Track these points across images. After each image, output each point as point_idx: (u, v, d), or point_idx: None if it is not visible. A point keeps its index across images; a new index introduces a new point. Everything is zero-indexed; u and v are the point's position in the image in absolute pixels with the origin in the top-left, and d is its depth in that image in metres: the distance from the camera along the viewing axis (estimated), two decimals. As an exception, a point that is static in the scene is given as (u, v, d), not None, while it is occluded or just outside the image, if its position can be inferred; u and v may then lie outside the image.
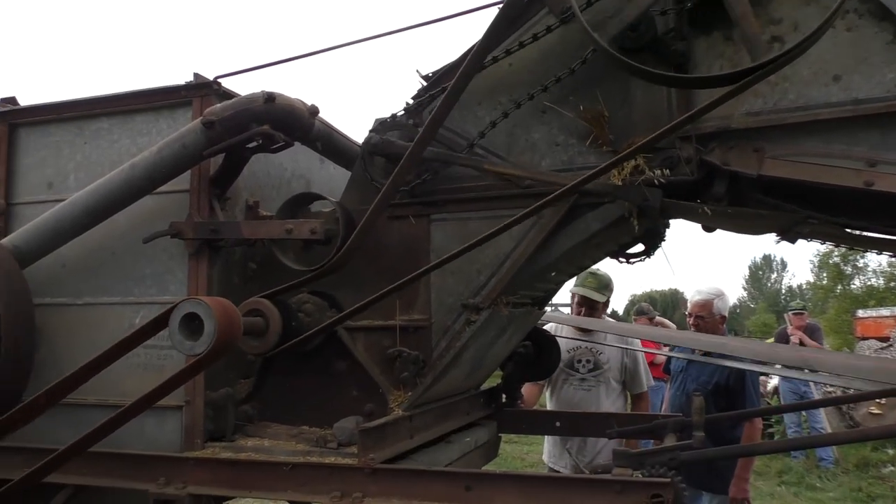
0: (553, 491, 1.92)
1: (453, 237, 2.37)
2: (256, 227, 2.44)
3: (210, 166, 2.48)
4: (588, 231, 2.25)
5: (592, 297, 4.49)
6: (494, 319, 2.38)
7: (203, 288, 2.42)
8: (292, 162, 3.01)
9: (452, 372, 2.44)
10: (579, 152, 2.28)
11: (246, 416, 2.50)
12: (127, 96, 2.62)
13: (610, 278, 4.62)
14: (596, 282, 4.51)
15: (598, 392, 4.41)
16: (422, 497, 2.01)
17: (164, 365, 2.43)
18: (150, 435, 2.42)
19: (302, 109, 2.49)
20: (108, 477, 2.37)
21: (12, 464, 2.47)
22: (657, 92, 2.17)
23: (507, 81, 2.34)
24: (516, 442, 9.78)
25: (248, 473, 2.20)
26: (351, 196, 2.52)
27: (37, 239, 2.44)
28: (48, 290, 2.62)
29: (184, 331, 1.81)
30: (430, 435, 2.51)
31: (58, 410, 2.35)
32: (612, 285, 4.63)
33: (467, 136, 2.37)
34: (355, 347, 2.43)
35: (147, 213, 2.51)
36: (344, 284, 2.48)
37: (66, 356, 2.54)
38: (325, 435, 2.29)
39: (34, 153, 2.76)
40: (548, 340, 3.52)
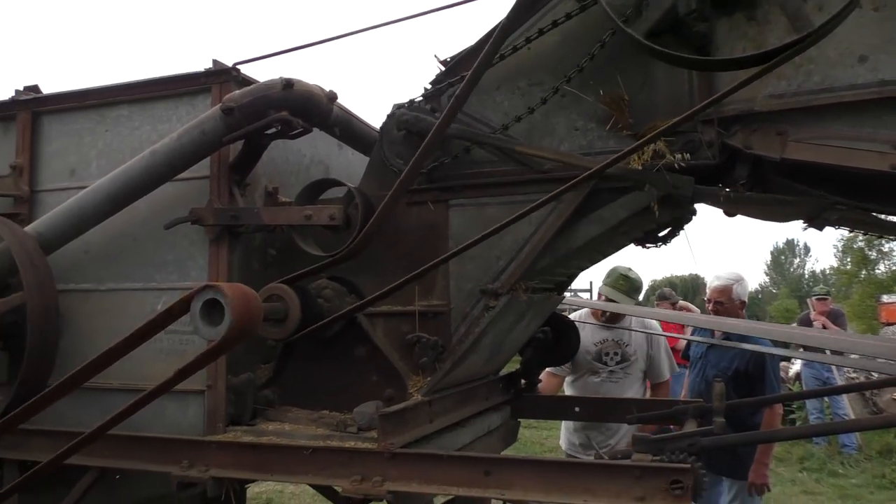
0: (572, 476, 1.93)
1: (472, 222, 2.37)
2: (276, 213, 2.45)
3: (229, 153, 2.49)
4: (615, 219, 2.23)
5: (621, 300, 4.45)
6: (513, 305, 2.38)
7: (223, 274, 2.44)
8: (311, 148, 3.02)
9: (471, 357, 2.44)
10: (599, 136, 2.26)
11: (267, 400, 2.52)
12: (147, 83, 2.64)
13: (641, 281, 4.59)
14: (627, 285, 4.48)
15: (625, 383, 4.41)
16: (441, 481, 2.02)
17: (186, 350, 2.45)
18: (173, 419, 2.45)
19: (320, 95, 2.49)
20: (132, 459, 2.41)
21: (39, 446, 2.52)
22: (678, 75, 2.14)
23: (526, 65, 2.32)
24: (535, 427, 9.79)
25: (270, 457, 2.22)
26: (369, 182, 2.52)
27: (60, 226, 2.47)
28: (72, 276, 2.66)
29: (204, 316, 1.82)
30: (449, 420, 2.52)
31: (82, 394, 2.39)
32: (641, 288, 4.62)
33: (486, 121, 2.36)
34: (375, 333, 2.44)
35: (168, 200, 2.53)
36: (363, 270, 2.49)
37: (89, 341, 2.58)
38: (345, 419, 2.31)
39: (57, 141, 2.79)
40: (567, 326, 3.52)
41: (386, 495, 2.04)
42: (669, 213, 2.19)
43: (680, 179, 2.09)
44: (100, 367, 2.02)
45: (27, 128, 2.79)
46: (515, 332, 2.75)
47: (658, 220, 2.23)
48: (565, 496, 1.93)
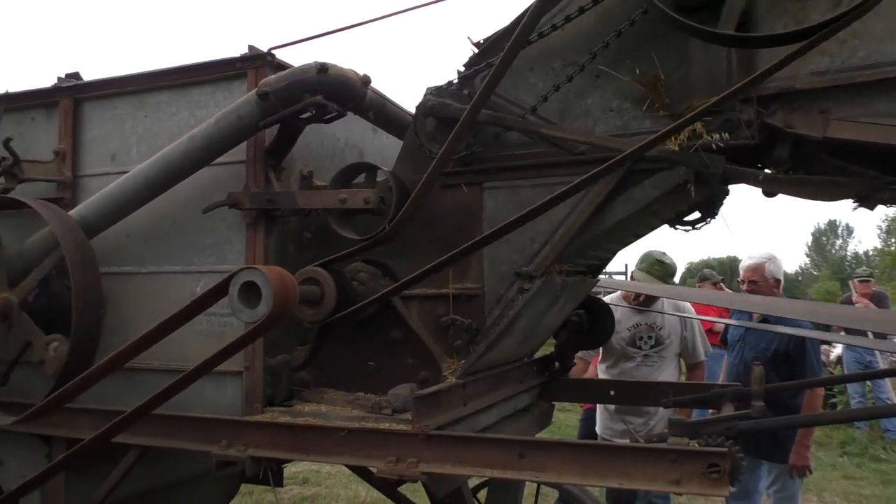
0: (607, 459, 1.92)
1: (506, 205, 2.36)
2: (311, 197, 2.47)
3: (265, 137, 2.51)
4: (645, 199, 2.20)
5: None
6: (547, 288, 2.37)
7: (260, 257, 2.47)
8: (345, 132, 3.03)
9: (505, 340, 2.44)
10: (634, 117, 2.22)
11: (303, 381, 2.56)
12: (185, 69, 2.67)
13: (675, 266, 4.54)
14: (662, 270, 4.43)
15: (660, 367, 4.38)
16: (475, 463, 2.03)
17: (225, 332, 2.50)
18: (212, 399, 2.50)
19: (354, 79, 2.49)
20: (173, 438, 2.47)
21: (84, 424, 2.60)
22: (716, 52, 2.09)
23: (560, 46, 2.29)
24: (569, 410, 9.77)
25: (306, 437, 2.26)
26: (403, 165, 2.52)
27: (102, 210, 2.53)
28: (114, 259, 2.72)
29: (242, 299, 1.85)
30: (483, 402, 2.52)
31: (125, 375, 2.46)
32: (676, 272, 4.56)
33: (520, 103, 2.34)
34: (409, 315, 2.45)
35: (206, 184, 2.57)
36: (397, 253, 2.50)
37: (131, 323, 2.64)
38: (379, 401, 2.33)
39: (98, 126, 2.84)
40: (602, 309, 3.49)
41: (420, 476, 2.06)
42: (702, 192, 2.15)
43: (711, 158, 2.05)
44: (141, 349, 2.07)
45: (69, 114, 2.85)
46: (549, 315, 2.75)
47: (691, 201, 2.19)
48: (600, 479, 1.92)
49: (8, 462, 2.89)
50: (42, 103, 2.95)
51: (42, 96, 2.94)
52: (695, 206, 2.40)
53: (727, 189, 2.34)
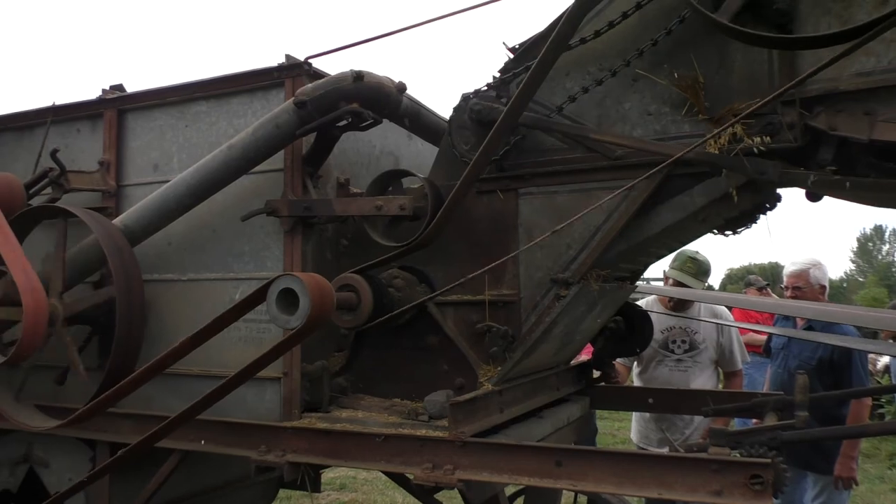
0: (647, 469, 1.89)
1: (541, 211, 2.35)
2: (347, 204, 2.49)
3: (302, 145, 2.54)
4: (693, 206, 2.17)
5: (689, 283, 4.33)
6: (584, 294, 2.35)
7: (298, 264, 2.49)
8: (381, 139, 3.05)
9: (542, 347, 2.42)
10: (673, 121, 2.20)
11: (340, 387, 2.57)
12: (223, 80, 2.72)
13: (709, 264, 4.45)
14: (695, 268, 4.35)
15: (693, 373, 4.29)
16: (512, 471, 2.02)
17: (263, 338, 2.52)
18: (251, 405, 2.53)
19: (390, 87, 2.51)
20: (213, 443, 2.50)
21: (125, 428, 2.65)
22: (758, 54, 2.06)
23: (597, 51, 2.27)
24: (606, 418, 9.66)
25: (343, 443, 2.27)
26: (439, 172, 2.53)
27: (145, 218, 2.58)
28: (156, 266, 2.77)
29: (280, 305, 1.87)
30: (520, 410, 2.51)
31: (166, 380, 2.50)
32: (710, 271, 4.48)
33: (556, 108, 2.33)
34: (445, 322, 2.45)
35: (244, 192, 2.60)
36: (433, 259, 2.50)
37: (172, 329, 2.69)
38: (416, 408, 2.33)
39: (141, 137, 2.90)
40: (640, 316, 3.44)
41: (457, 484, 2.05)
42: (751, 199, 2.10)
43: (764, 164, 2.01)
44: (182, 354, 2.11)
45: (113, 125, 2.92)
46: (587, 322, 2.72)
47: (739, 208, 2.15)
48: (639, 489, 1.89)
49: (53, 465, 2.96)
50: (87, 115, 3.02)
51: (87, 108, 3.01)
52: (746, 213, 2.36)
53: (780, 195, 2.29)
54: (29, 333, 2.12)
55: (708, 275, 4.45)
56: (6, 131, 3.25)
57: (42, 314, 2.16)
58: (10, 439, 3.06)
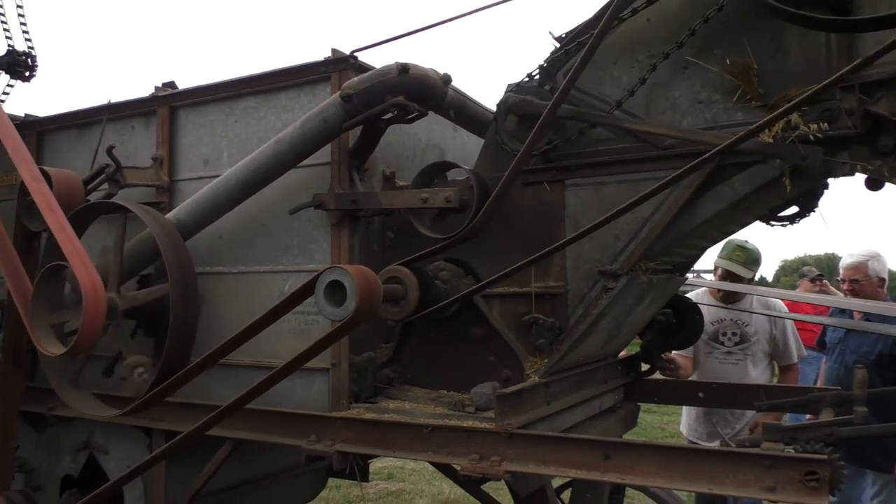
0: (696, 463, 1.86)
1: (589, 202, 2.32)
2: (394, 197, 2.50)
3: (349, 139, 2.56)
4: (736, 195, 2.11)
5: (738, 272, 4.22)
6: (632, 286, 2.32)
7: (345, 256, 2.52)
8: (427, 131, 3.05)
9: (589, 339, 2.40)
10: (724, 109, 2.14)
11: (387, 379, 2.59)
12: (271, 75, 2.75)
13: (759, 252, 4.33)
14: (744, 256, 4.24)
15: (745, 366, 4.18)
16: (559, 463, 2.01)
17: (312, 330, 2.56)
18: (301, 395, 2.57)
19: (435, 79, 2.51)
20: (265, 433, 2.55)
21: (180, 417, 2.72)
22: (815, 38, 1.99)
23: (645, 37, 2.23)
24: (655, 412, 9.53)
25: (391, 434, 2.29)
26: (484, 163, 2.52)
27: (197, 212, 2.64)
28: (208, 259, 2.83)
29: (328, 297, 1.90)
30: (567, 402, 2.49)
31: (218, 370, 2.56)
32: (760, 260, 4.35)
33: (603, 97, 2.30)
34: (491, 314, 2.45)
35: (292, 186, 2.64)
36: (479, 251, 2.50)
37: (224, 321, 2.75)
38: (462, 399, 2.34)
39: (192, 133, 2.97)
40: (690, 308, 3.38)
41: (503, 475, 2.05)
42: (799, 187, 2.04)
43: (809, 150, 1.95)
44: (234, 346, 2.15)
45: (166, 122, 2.99)
46: (635, 315, 2.68)
47: (786, 196, 2.09)
48: (688, 483, 1.86)
49: (112, 452, 3.07)
50: (141, 112, 3.10)
51: (141, 105, 3.09)
52: (791, 202, 2.29)
53: (826, 183, 2.22)
54: (88, 326, 2.19)
55: (758, 264, 4.32)
56: (65, 129, 3.37)
57: (101, 307, 2.23)
58: (72, 427, 3.18)
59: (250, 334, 2.12)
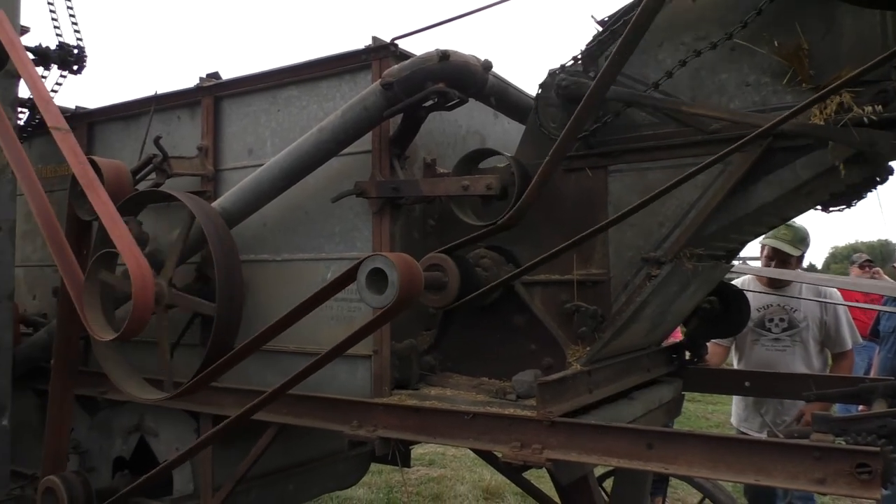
0: (742, 454, 1.82)
1: (632, 188, 2.28)
2: (434, 185, 2.50)
3: (389, 127, 2.56)
4: (797, 180, 2.06)
5: (785, 249, 4.11)
6: (677, 274, 2.28)
7: (386, 244, 2.53)
8: (467, 118, 3.04)
9: (632, 327, 2.37)
10: (774, 91, 2.09)
11: (428, 366, 2.60)
12: (313, 64, 2.77)
13: (806, 231, 4.21)
14: (791, 234, 4.13)
15: (793, 353, 4.08)
16: (601, 452, 1.99)
17: (354, 317, 2.58)
18: (344, 381, 2.60)
19: (476, 65, 2.49)
20: (308, 418, 2.59)
21: (226, 402, 2.78)
22: (870, 17, 1.92)
23: (691, 19, 2.18)
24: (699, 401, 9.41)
25: (432, 420, 2.30)
26: (525, 150, 2.50)
27: (241, 201, 2.68)
28: (252, 247, 2.87)
29: (370, 285, 1.91)
30: (610, 391, 2.47)
31: (263, 356, 2.61)
32: (808, 239, 4.23)
33: (648, 81, 2.25)
34: (532, 302, 2.44)
35: (334, 174, 2.66)
36: (521, 239, 2.48)
37: (268, 308, 2.79)
38: (504, 387, 2.34)
39: (236, 123, 3.01)
40: (736, 296, 3.32)
41: (545, 463, 2.04)
42: (859, 173, 1.97)
43: (877, 135, 1.88)
44: (277, 332, 2.18)
45: (210, 112, 3.04)
46: (679, 302, 2.64)
47: (847, 181, 2.02)
48: (734, 474, 1.83)
49: (162, 435, 3.15)
50: (186, 103, 3.15)
51: (186, 96, 3.14)
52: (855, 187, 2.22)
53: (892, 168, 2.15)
54: (137, 312, 2.25)
55: (805, 243, 4.19)
56: (114, 121, 3.45)
57: (149, 293, 2.29)
58: (124, 410, 3.28)
59: (293, 320, 2.15)
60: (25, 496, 3.26)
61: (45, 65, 3.54)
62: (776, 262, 4.19)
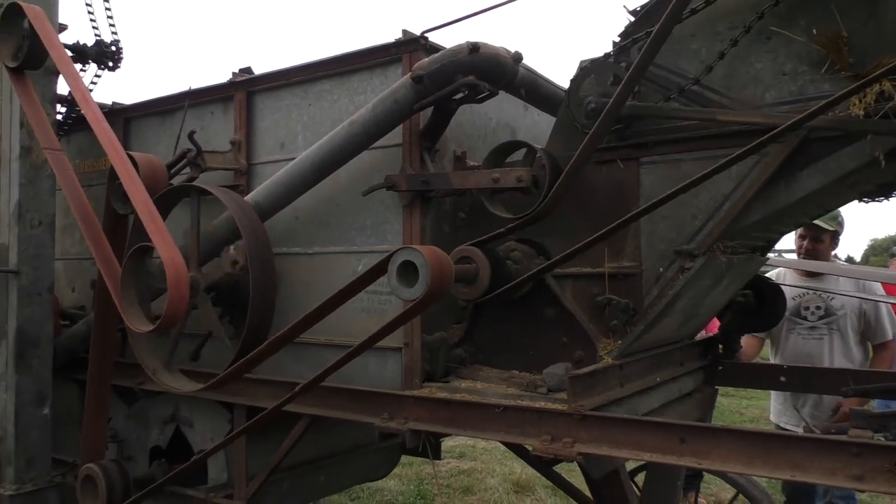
0: (777, 449, 1.80)
1: (665, 180, 2.25)
2: (465, 178, 2.50)
3: (420, 120, 2.56)
4: (841, 170, 2.01)
5: (819, 224, 3.99)
6: (710, 266, 2.25)
7: (417, 237, 2.54)
8: (497, 111, 3.03)
9: (664, 321, 2.35)
10: (811, 81, 2.04)
11: (459, 358, 2.61)
12: (344, 58, 2.78)
13: (841, 214, 4.11)
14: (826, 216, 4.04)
15: (830, 342, 3.99)
16: (633, 446, 1.98)
17: (385, 309, 2.59)
18: (375, 373, 2.62)
19: (506, 57, 2.48)
20: (340, 409, 2.61)
21: (259, 393, 2.81)
22: (912, 2, 1.87)
23: (727, 7, 2.14)
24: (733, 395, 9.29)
25: (463, 413, 2.31)
26: (556, 142, 2.49)
27: (274, 194, 2.70)
28: (284, 240, 2.90)
29: (401, 277, 1.91)
30: (641, 384, 2.45)
31: (295, 348, 2.63)
32: (841, 218, 4.12)
33: (682, 72, 2.22)
34: (563, 294, 2.43)
35: (365, 167, 2.67)
36: (551, 232, 2.47)
37: (300, 300, 2.82)
38: (534, 380, 2.33)
39: (268, 117, 3.03)
40: (771, 289, 3.26)
41: (576, 456, 2.04)
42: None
43: None
44: (310, 324, 2.20)
45: (243, 107, 3.07)
46: (713, 296, 2.61)
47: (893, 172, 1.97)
48: (770, 469, 1.81)
49: (197, 425, 3.21)
50: (219, 98, 3.19)
51: (219, 91, 3.18)
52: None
53: None
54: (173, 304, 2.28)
55: (838, 221, 4.08)
56: (149, 116, 3.50)
57: (184, 286, 2.32)
58: (160, 400, 3.34)
59: (325, 312, 2.17)
60: (66, 483, 3.34)
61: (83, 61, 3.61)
62: (809, 239, 4.09)
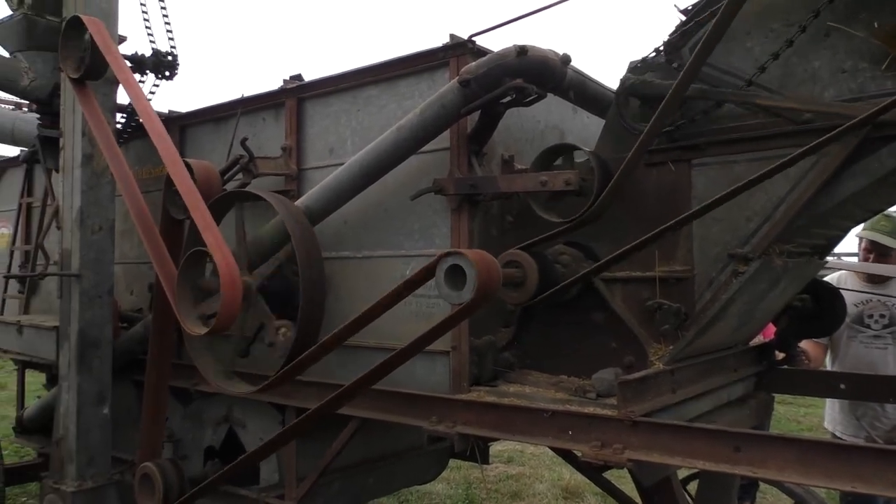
0: (836, 459, 1.73)
1: (718, 183, 2.20)
2: (512, 181, 2.49)
3: (467, 124, 2.57)
4: (883, 169, 1.95)
5: (884, 241, 3.87)
6: (766, 270, 2.19)
7: (464, 240, 2.54)
8: (545, 113, 3.01)
9: (717, 326, 2.30)
10: (872, 78, 1.97)
11: (507, 363, 2.60)
12: (391, 63, 2.80)
13: None
14: (890, 225, 3.89)
15: (895, 351, 3.85)
16: (685, 454, 1.94)
17: (433, 313, 2.60)
18: (422, 377, 2.62)
19: (554, 60, 2.46)
20: (389, 412, 2.63)
21: (310, 395, 2.85)
22: (980, -5, 1.79)
23: (781, 3, 2.09)
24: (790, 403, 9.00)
25: (511, 417, 2.29)
26: (605, 144, 2.46)
27: (323, 199, 2.74)
28: (334, 244, 2.94)
29: (449, 281, 1.92)
30: (694, 391, 2.40)
31: (344, 351, 2.66)
32: None
33: (735, 72, 2.17)
34: (613, 299, 2.39)
35: (413, 172, 2.69)
36: (601, 235, 2.44)
37: (349, 304, 2.85)
38: (583, 385, 2.30)
39: (318, 123, 3.08)
40: (830, 293, 3.16)
41: (626, 463, 2.00)
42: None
43: None
44: (359, 328, 2.22)
45: (293, 113, 3.12)
46: (768, 300, 2.54)
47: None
48: (828, 480, 1.74)
49: (249, 426, 3.27)
50: (271, 105, 3.25)
51: (270, 98, 3.24)
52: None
53: None
54: (226, 306, 2.33)
55: None
56: (204, 123, 3.59)
57: (237, 289, 2.37)
58: (214, 401, 3.41)
59: (373, 316, 2.18)
60: (124, 480, 3.44)
61: (141, 71, 3.72)
62: (874, 255, 3.97)
